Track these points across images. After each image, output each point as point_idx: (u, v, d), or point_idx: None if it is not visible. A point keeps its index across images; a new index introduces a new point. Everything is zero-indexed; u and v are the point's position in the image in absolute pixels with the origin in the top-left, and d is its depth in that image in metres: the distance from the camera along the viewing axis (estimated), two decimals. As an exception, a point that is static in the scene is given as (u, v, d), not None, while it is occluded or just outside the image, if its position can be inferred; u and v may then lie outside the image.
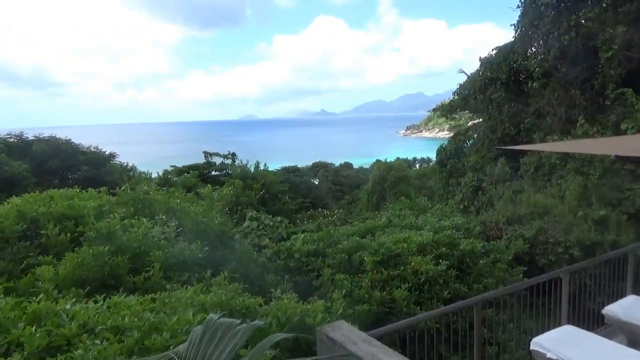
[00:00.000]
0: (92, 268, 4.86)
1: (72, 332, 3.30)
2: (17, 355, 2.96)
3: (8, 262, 5.10)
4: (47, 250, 5.50)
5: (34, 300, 3.70)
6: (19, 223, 5.69)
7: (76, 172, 28.28)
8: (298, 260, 8.67)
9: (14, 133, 28.31)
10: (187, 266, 5.74)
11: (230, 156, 30.41)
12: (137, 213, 7.13)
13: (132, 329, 3.28)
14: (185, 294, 4.05)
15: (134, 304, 3.72)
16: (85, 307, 3.72)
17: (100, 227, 5.58)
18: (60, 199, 6.61)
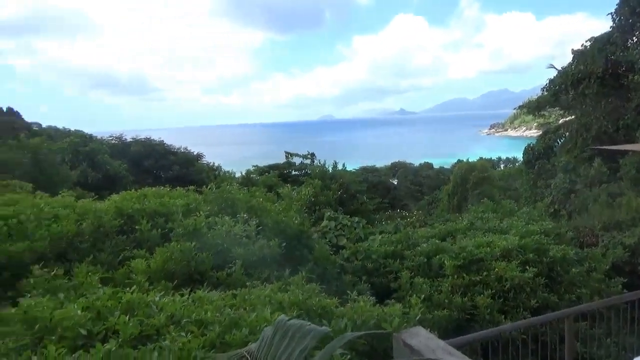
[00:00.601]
0: (180, 262, 5.15)
1: (160, 322, 3.51)
2: (113, 341, 3.20)
3: (108, 254, 5.55)
4: (140, 244, 5.91)
5: (128, 291, 4.00)
6: (117, 219, 6.18)
7: (168, 171, 30.30)
8: (375, 262, 8.59)
9: (115, 135, 30.97)
10: (266, 264, 5.90)
11: (310, 156, 30.92)
12: (220, 211, 7.46)
13: (214, 323, 3.42)
14: (264, 291, 4.15)
15: (216, 299, 3.88)
16: (173, 299, 3.94)
17: (188, 224, 5.90)
18: (153, 197, 7.09)
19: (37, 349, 3.10)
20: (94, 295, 3.85)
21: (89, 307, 3.66)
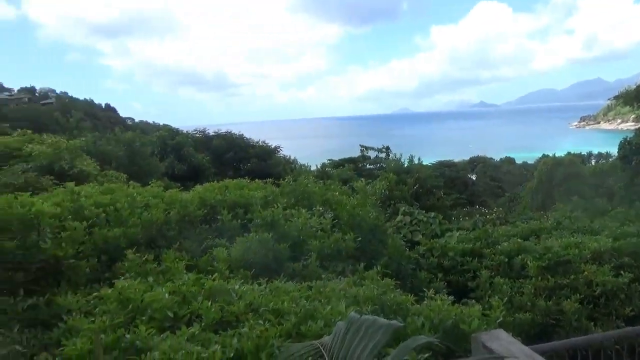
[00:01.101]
0: (258, 253, 5.32)
1: (240, 309, 3.66)
2: (197, 325, 3.39)
3: (192, 242, 5.87)
4: (222, 233, 6.18)
5: (210, 278, 4.20)
6: (201, 209, 6.51)
7: (247, 163, 31.42)
8: (452, 259, 8.34)
9: (199, 129, 32.64)
10: (341, 257, 5.94)
11: (384, 150, 30.59)
12: (297, 203, 7.61)
13: (290, 313, 3.50)
14: (339, 285, 4.18)
15: (292, 290, 3.97)
16: (251, 288, 4.09)
17: (266, 216, 6.08)
18: (233, 189, 7.38)
19: (129, 327, 3.35)
20: (180, 280, 4.09)
21: (175, 291, 3.90)
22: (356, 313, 2.01)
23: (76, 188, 6.11)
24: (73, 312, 3.78)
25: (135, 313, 3.58)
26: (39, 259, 4.32)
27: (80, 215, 5.46)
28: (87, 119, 52.09)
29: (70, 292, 4.08)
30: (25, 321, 3.85)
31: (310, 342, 2.13)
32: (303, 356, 2.01)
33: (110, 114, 74.36)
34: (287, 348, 3.07)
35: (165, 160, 24.84)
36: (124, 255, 4.88)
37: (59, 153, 12.50)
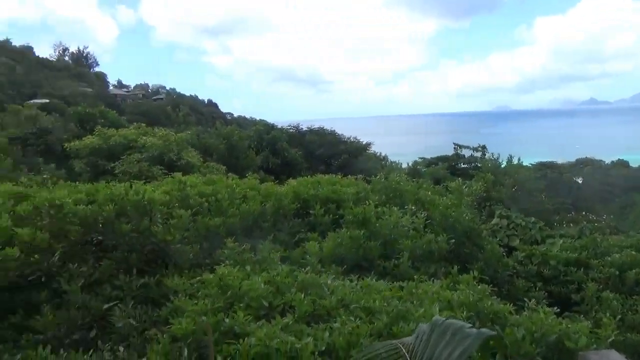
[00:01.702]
0: (349, 249, 5.36)
1: (331, 304, 3.71)
2: (290, 316, 3.49)
3: (285, 234, 6.06)
4: (314, 227, 6.31)
5: (303, 270, 4.31)
6: (294, 202, 6.69)
7: (338, 159, 31.75)
8: (554, 268, 7.76)
9: (293, 125, 33.59)
10: (433, 258, 5.78)
11: (480, 149, 29.25)
12: (388, 201, 7.53)
13: (381, 312, 3.48)
14: (432, 287, 4.07)
15: (384, 289, 3.94)
16: (343, 284, 4.12)
17: (357, 212, 6.10)
18: (326, 184, 7.49)
19: (228, 313, 3.54)
20: (275, 271, 4.24)
21: (270, 281, 4.05)
22: (440, 317, 1.95)
23: (183, 178, 6.56)
24: (179, 293, 4.08)
25: (233, 299, 3.77)
26: (150, 242, 4.72)
27: (186, 203, 5.86)
28: (192, 114, 55.87)
29: (177, 275, 4.40)
30: (138, 298, 4.23)
31: (390, 341, 2.10)
32: (383, 355, 1.99)
33: (212, 109, 79.05)
34: (367, 346, 3.06)
35: (261, 153, 25.89)
36: (224, 243, 5.17)
37: (168, 145, 13.53)
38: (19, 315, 4.09)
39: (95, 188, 5.61)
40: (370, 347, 2.85)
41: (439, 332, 1.81)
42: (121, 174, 12.76)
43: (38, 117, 22.02)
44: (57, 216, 4.60)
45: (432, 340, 1.80)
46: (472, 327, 1.80)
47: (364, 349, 2.87)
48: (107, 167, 14.34)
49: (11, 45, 70.41)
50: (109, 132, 15.84)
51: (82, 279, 4.21)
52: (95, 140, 15.34)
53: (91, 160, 14.97)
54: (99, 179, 11.45)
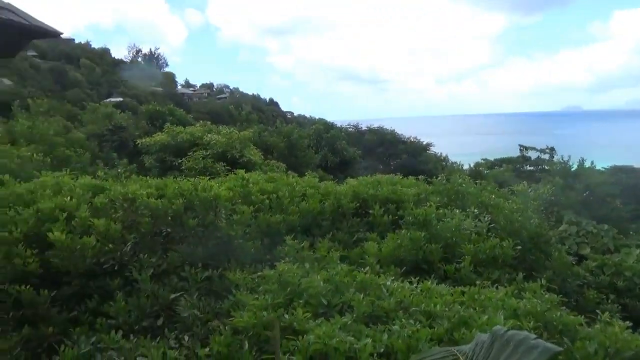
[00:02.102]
0: (409, 251, 5.27)
1: (390, 306, 3.67)
2: (349, 315, 3.49)
3: (344, 234, 6.06)
4: (372, 228, 6.27)
5: (362, 271, 4.29)
6: (354, 201, 6.67)
7: (397, 159, 31.43)
8: (629, 280, 7.24)
9: (352, 124, 33.61)
10: (497, 264, 5.56)
11: (548, 151, 27.82)
12: (450, 203, 7.34)
13: (442, 317, 3.40)
14: (495, 294, 3.92)
15: (445, 294, 3.85)
16: (402, 286, 4.06)
17: (418, 214, 5.99)
18: (386, 184, 7.41)
19: (288, 309, 3.60)
20: (334, 270, 4.26)
21: (329, 280, 4.07)
22: (501, 327, 1.87)
23: (245, 175, 6.74)
24: (240, 287, 4.20)
25: (293, 296, 3.82)
26: (215, 237, 4.89)
27: (248, 200, 6.01)
28: (254, 112, 57.33)
29: (238, 269, 4.53)
30: (201, 290, 4.39)
31: (447, 347, 2.04)
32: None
33: (273, 107, 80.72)
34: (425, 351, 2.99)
35: (320, 152, 26.08)
36: (283, 240, 5.26)
37: (232, 143, 13.92)
38: (94, 301, 4.38)
39: (164, 183, 5.88)
40: (427, 352, 2.79)
41: (500, 343, 1.74)
42: (187, 169, 13.32)
43: (113, 114, 23.45)
44: (130, 209, 4.88)
45: (493, 351, 1.74)
46: (538, 339, 1.71)
47: (420, 353, 2.82)
48: (174, 162, 15.02)
49: (91, 48, 75.51)
50: (177, 129, 16.57)
51: (151, 269, 4.43)
52: (164, 137, 16.11)
53: (160, 156, 15.75)
54: (167, 174, 12.03)
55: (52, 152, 10.88)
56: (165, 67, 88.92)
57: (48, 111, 19.59)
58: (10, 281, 4.39)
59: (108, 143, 19.99)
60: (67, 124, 18.52)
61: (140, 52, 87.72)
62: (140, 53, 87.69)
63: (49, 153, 10.44)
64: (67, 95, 47.86)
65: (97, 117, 23.19)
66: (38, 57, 57.10)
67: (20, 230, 4.71)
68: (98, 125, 21.95)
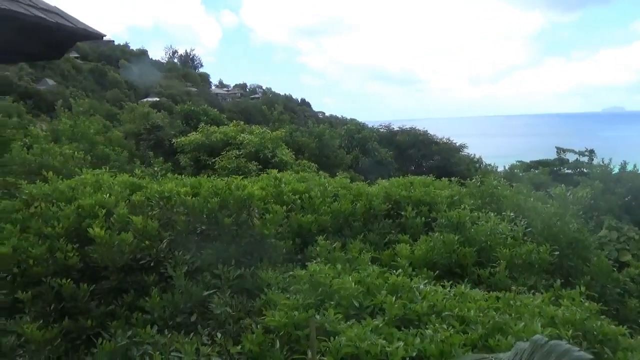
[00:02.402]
0: (442, 254, 5.19)
1: (422, 310, 3.62)
2: (380, 318, 3.47)
3: (376, 235, 6.02)
4: (404, 229, 6.20)
5: (394, 273, 4.25)
6: (385, 203, 6.62)
7: (429, 160, 30.98)
8: (676, 291, 6.91)
9: (384, 125, 33.35)
10: (533, 269, 5.41)
11: (587, 153, 26.87)
12: (484, 206, 7.18)
13: (476, 323, 3.33)
14: (532, 300, 3.82)
15: (479, 299, 3.77)
16: (435, 289, 4.00)
17: (451, 216, 5.89)
18: (419, 186, 7.32)
19: (319, 309, 3.61)
20: (365, 271, 4.23)
21: (361, 281, 4.05)
22: (541, 336, 1.81)
23: (278, 175, 6.79)
24: (272, 286, 4.23)
25: (324, 297, 3.82)
26: (248, 235, 4.95)
27: (281, 199, 6.05)
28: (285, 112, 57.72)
29: (270, 268, 4.57)
30: (234, 288, 4.45)
31: (483, 355, 1.99)
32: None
33: (304, 108, 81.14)
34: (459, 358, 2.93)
35: (351, 153, 25.97)
36: (315, 240, 5.27)
37: (264, 142, 14.03)
38: (130, 295, 4.51)
39: (199, 181, 5.99)
40: (462, 358, 2.74)
41: (541, 354, 1.69)
42: (220, 168, 13.52)
43: (149, 114, 24.03)
44: (166, 206, 4.99)
45: (533, 363, 1.69)
46: (580, 351, 1.65)
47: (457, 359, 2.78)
48: (208, 162, 15.27)
49: (129, 49, 77.81)
50: (211, 129, 16.86)
51: (186, 266, 4.52)
52: (198, 137, 16.40)
53: (194, 155, 16.04)
54: (201, 172, 12.24)
55: (92, 150, 11.26)
56: (200, 68, 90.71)
57: (88, 111, 20.27)
58: (52, 274, 4.57)
59: (145, 142, 20.49)
60: (106, 123, 19.10)
61: (176, 54, 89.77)
62: (177, 54, 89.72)
63: (89, 151, 10.81)
64: (106, 95, 49.44)
65: (134, 116, 23.83)
66: (80, 59, 59.22)
67: (62, 225, 4.90)
68: (135, 124, 22.56)
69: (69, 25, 2.78)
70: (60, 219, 4.99)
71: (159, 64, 77.50)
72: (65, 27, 2.75)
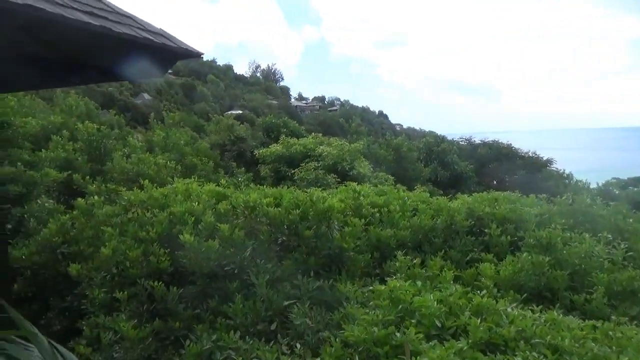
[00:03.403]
0: (530, 276, 4.89)
1: (510, 335, 3.42)
2: (464, 340, 3.33)
3: (457, 252, 5.81)
4: (488, 248, 5.93)
5: (478, 293, 4.07)
6: (468, 219, 6.38)
7: (513, 175, 29.51)
8: None
9: (465, 137, 32.33)
10: (636, 298, 4.92)
11: (700, 171, 24.19)
12: (576, 226, 6.69)
13: (572, 354, 3.09)
14: (636, 333, 3.47)
15: (574, 327, 3.49)
16: (523, 314, 3.77)
17: (540, 236, 5.54)
18: (504, 202, 6.98)
19: (400, 327, 3.53)
20: (447, 290, 4.09)
21: (442, 300, 3.92)
22: None
23: (357, 187, 6.79)
24: (351, 300, 4.22)
25: (404, 314, 3.74)
26: (327, 247, 4.99)
27: (359, 212, 6.05)
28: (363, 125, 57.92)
29: (349, 282, 4.57)
30: (313, 299, 4.49)
31: None
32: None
33: (382, 120, 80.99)
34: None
35: (429, 166, 25.45)
36: (394, 255, 5.19)
37: (342, 155, 14.14)
38: (215, 301, 4.70)
39: (280, 192, 6.15)
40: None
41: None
42: (299, 180, 13.83)
43: (233, 126, 25.25)
44: (250, 216, 5.18)
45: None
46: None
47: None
48: (287, 173, 15.70)
49: (216, 65, 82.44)
50: (291, 141, 17.36)
51: (267, 274, 4.64)
52: (279, 149, 16.96)
53: (275, 166, 16.59)
54: (280, 183, 12.60)
55: (181, 160, 11.98)
56: (281, 82, 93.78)
57: (179, 123, 21.69)
58: (145, 276, 4.91)
59: (228, 152, 21.54)
60: (194, 135, 20.33)
61: (259, 68, 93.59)
62: (259, 69, 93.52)
63: (179, 161, 11.51)
64: (194, 108, 52.69)
65: (219, 128, 25.16)
66: (172, 74, 63.72)
67: (156, 230, 5.26)
68: (220, 135, 23.80)
69: (173, 45, 3.02)
70: (154, 224, 5.36)
71: (243, 78, 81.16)
72: (169, 47, 2.98)
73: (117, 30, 2.53)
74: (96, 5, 2.81)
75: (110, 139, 11.04)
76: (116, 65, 3.30)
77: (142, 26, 2.87)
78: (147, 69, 3.29)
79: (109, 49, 3.10)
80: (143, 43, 2.79)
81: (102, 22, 2.47)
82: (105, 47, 3.00)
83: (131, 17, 3.10)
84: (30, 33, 2.51)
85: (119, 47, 2.82)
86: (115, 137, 12.02)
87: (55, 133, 10.55)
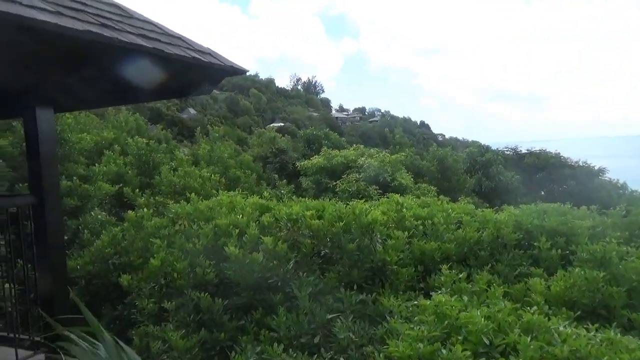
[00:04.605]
0: (583, 292, 4.67)
1: (563, 354, 3.27)
2: (513, 359, 3.21)
3: (505, 266, 5.63)
4: (537, 262, 5.71)
5: (528, 310, 3.92)
6: (516, 232, 6.18)
7: (562, 185, 28.40)
8: None
9: (510, 147, 31.46)
10: (701, 318, 4.61)
11: None
12: (632, 239, 6.35)
13: (632, 377, 2.92)
14: None
15: (634, 348, 3.30)
16: (577, 332, 3.60)
17: (594, 250, 5.29)
18: (553, 214, 6.72)
19: (446, 344, 3.45)
20: (495, 306, 3.97)
21: (490, 317, 3.80)
22: None
23: (399, 199, 6.73)
24: (394, 314, 4.17)
25: (450, 330, 3.66)
26: (369, 260, 4.96)
27: (402, 225, 5.97)
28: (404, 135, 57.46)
29: (392, 296, 4.51)
30: (355, 313, 4.46)
31: None
32: None
33: (424, 130, 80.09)
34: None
35: (474, 177, 24.89)
36: (438, 269, 5.09)
37: (384, 166, 14.07)
38: (259, 313, 4.76)
39: (322, 205, 6.18)
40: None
41: None
42: (341, 191, 13.86)
43: (275, 138, 25.65)
44: (292, 228, 5.23)
45: None
46: None
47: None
48: (329, 184, 15.78)
49: (258, 79, 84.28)
50: (332, 152, 17.45)
51: (310, 287, 4.65)
52: (320, 160, 17.08)
53: (316, 178, 16.71)
54: (322, 195, 12.65)
55: (225, 173, 12.27)
56: (321, 94, 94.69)
57: (223, 136, 22.30)
58: (192, 287, 5.03)
59: (271, 165, 21.88)
60: (237, 148, 20.81)
61: (299, 81, 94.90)
62: (300, 81, 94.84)
63: (223, 174, 11.80)
64: (237, 122, 53.94)
65: (262, 140, 25.63)
66: (216, 89, 65.59)
67: (202, 243, 5.39)
68: (262, 148, 24.23)
69: (219, 63, 3.13)
70: (200, 236, 5.50)
71: (284, 91, 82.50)
72: (216, 65, 3.10)
73: (168, 51, 2.65)
74: (148, 27, 2.96)
75: (158, 153, 11.46)
76: (167, 83, 3.46)
77: (191, 46, 3.01)
78: (196, 86, 3.43)
79: (161, 69, 3.25)
80: (191, 62, 2.92)
81: (155, 45, 2.60)
82: (158, 67, 3.16)
83: (180, 37, 3.24)
84: (89, 57, 2.67)
85: (170, 67, 2.96)
86: (163, 151, 12.47)
87: (107, 148, 11.07)
